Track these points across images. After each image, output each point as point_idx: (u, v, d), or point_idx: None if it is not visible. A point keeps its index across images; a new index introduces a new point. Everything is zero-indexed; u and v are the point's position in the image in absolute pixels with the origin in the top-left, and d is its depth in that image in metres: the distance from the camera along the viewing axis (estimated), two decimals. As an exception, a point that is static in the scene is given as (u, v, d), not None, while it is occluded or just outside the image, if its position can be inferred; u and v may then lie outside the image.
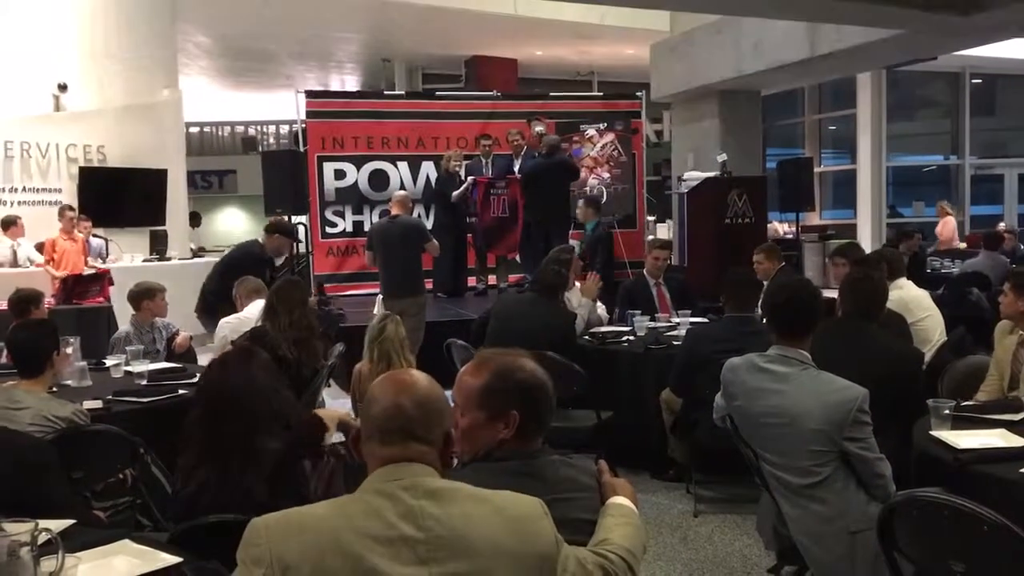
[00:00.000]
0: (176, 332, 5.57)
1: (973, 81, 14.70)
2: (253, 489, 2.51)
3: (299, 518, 1.58)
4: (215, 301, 5.97)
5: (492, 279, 9.84)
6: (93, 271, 8.24)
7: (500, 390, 1.94)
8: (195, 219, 14.31)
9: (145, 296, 5.42)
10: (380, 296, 7.18)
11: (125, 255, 9.64)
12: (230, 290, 5.55)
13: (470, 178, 9.65)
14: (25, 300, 4.90)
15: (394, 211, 7.26)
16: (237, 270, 6.00)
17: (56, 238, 8.48)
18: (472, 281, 10.04)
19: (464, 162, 9.92)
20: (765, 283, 5.03)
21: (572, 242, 8.43)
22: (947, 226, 12.90)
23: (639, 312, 5.76)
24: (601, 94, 13.58)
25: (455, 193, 9.59)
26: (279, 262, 7.15)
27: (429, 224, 9.77)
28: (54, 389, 3.79)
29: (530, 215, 9.23)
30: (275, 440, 2.64)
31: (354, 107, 11.09)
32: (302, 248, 11.23)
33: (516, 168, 9.63)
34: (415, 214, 10.03)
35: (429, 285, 8.52)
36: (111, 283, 8.04)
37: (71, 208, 8.81)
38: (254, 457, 2.57)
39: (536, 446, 1.98)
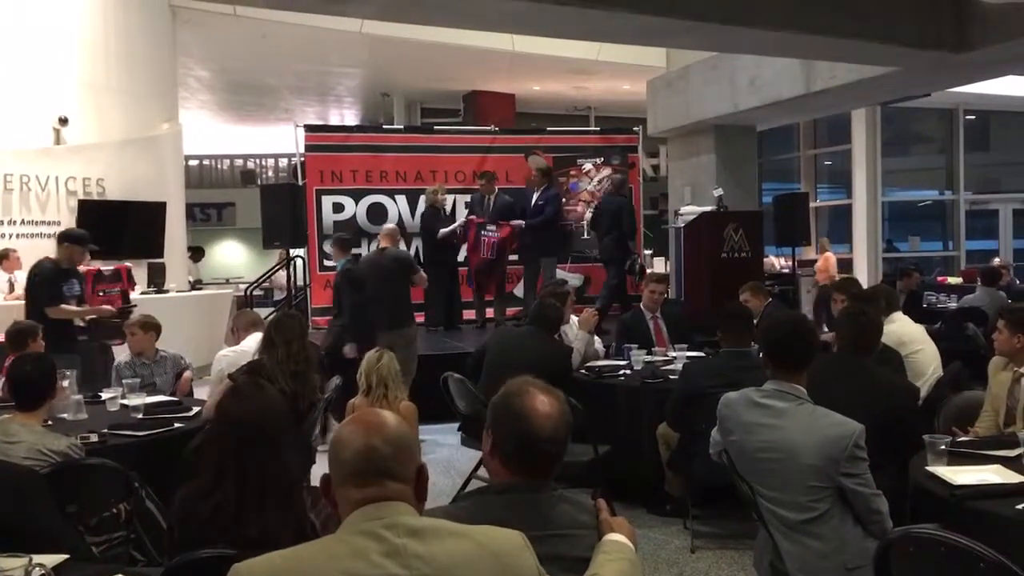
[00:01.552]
0: (184, 369, 5.46)
1: (967, 117, 14.83)
2: (268, 517, 2.46)
3: (283, 561, 1.56)
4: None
5: (489, 312, 9.85)
6: (112, 268, 8.24)
7: (490, 408, 2.04)
8: (198, 253, 14.25)
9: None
10: (369, 329, 7.17)
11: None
12: (40, 317, 5.58)
13: (463, 217, 9.68)
14: (23, 333, 4.89)
15: (382, 244, 7.28)
16: (40, 293, 5.97)
17: None
18: (470, 314, 10.05)
19: (449, 195, 9.98)
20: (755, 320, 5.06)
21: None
22: (828, 262, 13.01)
23: (636, 346, 5.76)
24: (598, 129, 13.66)
25: (443, 231, 9.61)
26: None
27: (422, 258, 9.81)
28: (49, 422, 3.78)
29: (599, 250, 9.97)
30: (291, 467, 2.61)
31: (353, 141, 11.16)
32: (300, 281, 11.30)
33: (533, 201, 9.64)
34: (413, 247, 10.09)
35: (421, 318, 8.53)
36: (132, 282, 8.44)
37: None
38: (273, 484, 2.52)
39: (531, 482, 1.95)
